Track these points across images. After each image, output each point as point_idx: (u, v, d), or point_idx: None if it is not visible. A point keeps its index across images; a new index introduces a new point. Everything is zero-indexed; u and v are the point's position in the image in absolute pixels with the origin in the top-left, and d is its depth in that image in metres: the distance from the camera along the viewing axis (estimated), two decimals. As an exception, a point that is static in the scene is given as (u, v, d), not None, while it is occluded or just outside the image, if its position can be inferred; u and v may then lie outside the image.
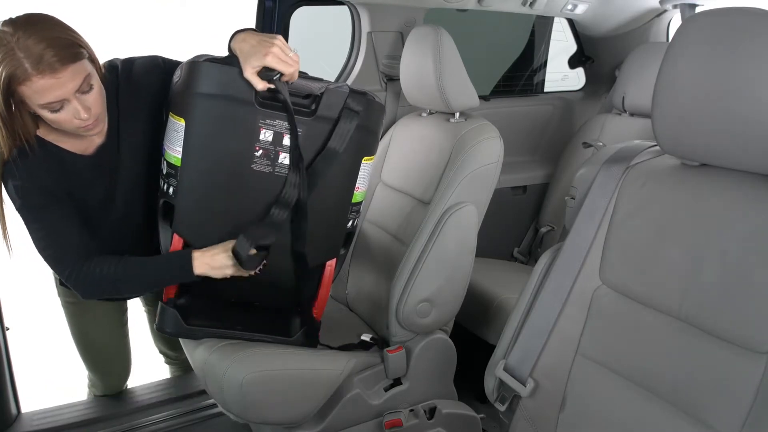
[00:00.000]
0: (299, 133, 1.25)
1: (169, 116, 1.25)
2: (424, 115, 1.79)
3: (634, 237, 0.97)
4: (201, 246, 1.28)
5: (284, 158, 1.25)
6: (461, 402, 1.65)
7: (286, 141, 1.25)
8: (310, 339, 1.44)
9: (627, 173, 1.01)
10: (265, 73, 1.18)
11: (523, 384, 1.07)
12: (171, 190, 1.26)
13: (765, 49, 0.78)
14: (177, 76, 1.25)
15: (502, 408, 1.13)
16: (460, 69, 1.61)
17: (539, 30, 2.68)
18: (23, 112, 1.15)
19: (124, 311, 1.67)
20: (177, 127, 1.23)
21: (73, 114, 1.13)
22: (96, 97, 1.16)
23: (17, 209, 1.22)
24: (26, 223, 1.23)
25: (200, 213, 1.28)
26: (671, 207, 0.93)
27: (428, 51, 1.59)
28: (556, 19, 2.58)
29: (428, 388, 1.60)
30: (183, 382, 1.88)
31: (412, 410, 1.57)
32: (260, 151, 1.24)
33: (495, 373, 1.11)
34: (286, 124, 1.24)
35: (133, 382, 1.83)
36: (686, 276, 0.88)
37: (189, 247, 1.29)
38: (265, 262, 1.28)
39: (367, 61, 2.02)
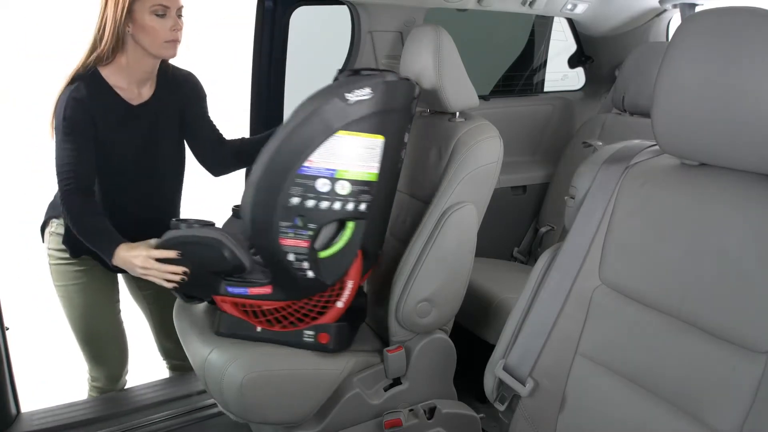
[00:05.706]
0: None
1: (355, 136, 1.29)
2: (424, 114, 1.79)
3: (633, 236, 0.97)
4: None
5: (403, 153, 1.45)
6: (461, 402, 1.65)
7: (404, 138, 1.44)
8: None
9: (626, 173, 1.01)
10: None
11: (523, 384, 1.07)
12: (363, 206, 1.34)
13: (764, 49, 0.78)
14: (364, 95, 1.28)
15: (501, 408, 1.13)
16: (459, 69, 1.61)
17: (539, 30, 2.67)
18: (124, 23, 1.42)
19: (116, 301, 1.73)
20: (373, 144, 1.32)
21: (170, 25, 1.43)
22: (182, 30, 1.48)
23: (58, 120, 1.42)
24: (58, 139, 1.42)
25: (382, 223, 1.45)
26: (671, 206, 0.93)
27: (428, 51, 1.59)
28: (556, 19, 2.58)
29: (428, 388, 1.60)
30: (183, 381, 1.88)
31: (411, 410, 1.57)
32: (403, 152, 1.45)
33: (494, 372, 1.11)
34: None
35: (132, 381, 1.83)
36: (686, 275, 0.88)
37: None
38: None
39: (367, 61, 2.02)
